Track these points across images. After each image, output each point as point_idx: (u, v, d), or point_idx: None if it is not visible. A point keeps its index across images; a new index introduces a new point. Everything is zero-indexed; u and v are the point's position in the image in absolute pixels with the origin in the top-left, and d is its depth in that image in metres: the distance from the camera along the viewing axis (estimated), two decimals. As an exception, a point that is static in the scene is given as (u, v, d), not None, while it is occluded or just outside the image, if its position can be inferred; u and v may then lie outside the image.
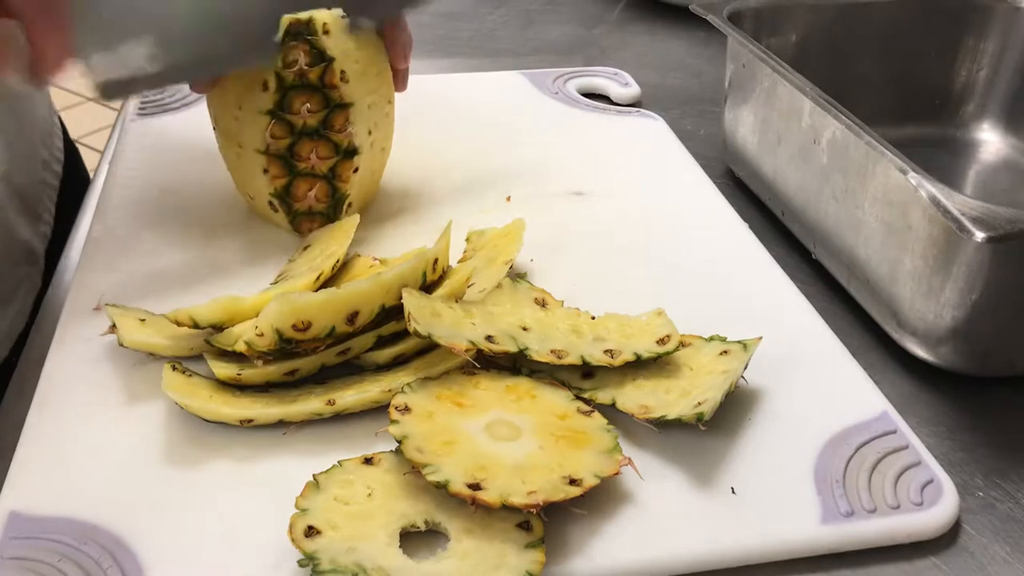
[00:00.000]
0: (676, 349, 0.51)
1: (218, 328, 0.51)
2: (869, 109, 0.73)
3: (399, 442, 0.43)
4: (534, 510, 0.41)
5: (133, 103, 0.80)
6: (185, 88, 0.81)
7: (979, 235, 0.45)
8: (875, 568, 0.44)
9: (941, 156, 0.79)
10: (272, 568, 0.41)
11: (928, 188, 0.49)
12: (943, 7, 0.79)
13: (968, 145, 0.81)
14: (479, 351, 0.48)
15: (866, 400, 0.52)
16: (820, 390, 0.52)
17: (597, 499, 0.44)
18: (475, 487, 0.41)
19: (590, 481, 0.43)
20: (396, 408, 0.45)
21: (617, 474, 0.44)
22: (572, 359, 0.49)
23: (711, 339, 0.53)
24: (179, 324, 0.50)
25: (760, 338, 0.51)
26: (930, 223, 0.52)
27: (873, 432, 0.49)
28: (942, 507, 0.45)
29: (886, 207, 0.56)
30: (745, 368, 0.50)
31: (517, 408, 0.47)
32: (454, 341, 0.48)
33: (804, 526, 0.44)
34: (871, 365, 0.55)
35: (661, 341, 0.51)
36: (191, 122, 0.76)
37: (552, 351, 0.49)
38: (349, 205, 0.63)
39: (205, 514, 0.44)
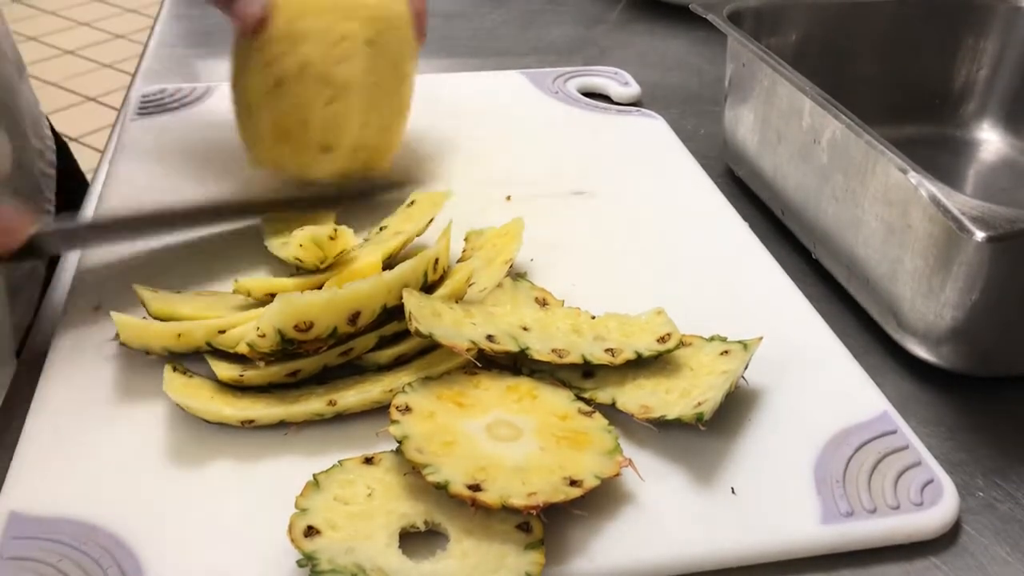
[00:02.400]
0: (677, 347, 0.51)
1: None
2: (869, 109, 0.73)
3: (399, 442, 0.43)
4: (534, 511, 0.41)
5: (134, 102, 0.80)
6: (185, 88, 0.81)
7: (979, 235, 0.45)
8: (875, 568, 0.44)
9: (941, 156, 0.79)
10: (272, 568, 0.41)
11: (928, 187, 0.49)
12: (943, 6, 0.79)
13: (968, 145, 0.81)
14: (480, 351, 0.48)
15: (866, 400, 0.52)
16: (820, 390, 0.52)
17: (597, 500, 0.44)
18: (475, 488, 0.41)
19: (590, 482, 0.43)
20: (397, 408, 0.45)
21: (618, 475, 0.44)
22: (573, 358, 0.49)
23: (711, 339, 0.53)
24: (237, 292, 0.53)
25: (760, 338, 0.51)
26: (930, 222, 0.52)
27: (873, 432, 0.49)
28: (942, 507, 0.45)
29: (886, 206, 0.56)
30: (745, 368, 0.50)
31: (518, 408, 0.47)
32: (455, 341, 0.48)
33: (804, 526, 0.44)
34: (871, 365, 0.55)
35: (662, 339, 0.51)
36: (191, 122, 0.76)
37: (553, 350, 0.49)
38: None
39: (205, 514, 0.44)
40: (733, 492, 0.46)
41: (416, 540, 0.42)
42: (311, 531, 0.41)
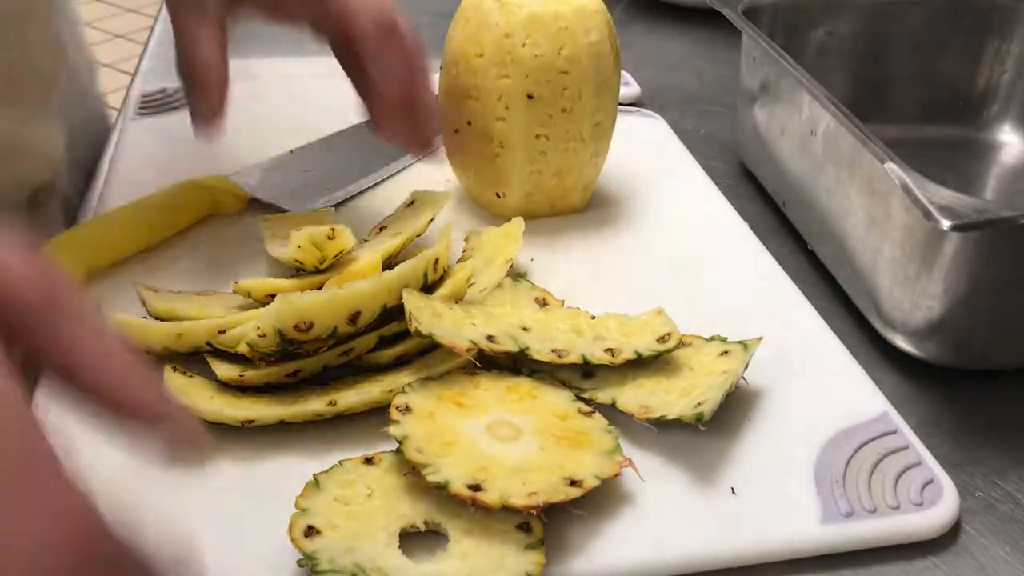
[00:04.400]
0: (677, 347, 0.51)
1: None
2: (891, 109, 0.73)
3: (399, 442, 0.43)
4: (534, 511, 0.41)
5: (134, 102, 0.80)
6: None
7: (944, 223, 0.46)
8: (875, 568, 0.44)
9: (963, 158, 0.79)
10: (272, 568, 0.41)
11: (901, 176, 0.50)
12: (967, 8, 0.79)
13: (990, 147, 0.80)
14: (480, 351, 0.48)
15: (866, 400, 0.52)
16: (820, 390, 0.52)
17: (597, 500, 0.44)
18: (475, 488, 0.41)
19: (591, 482, 0.43)
20: (397, 408, 0.45)
21: (618, 475, 0.44)
22: (573, 358, 0.49)
23: (711, 339, 0.53)
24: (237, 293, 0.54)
25: (760, 338, 0.51)
26: (906, 212, 0.52)
27: (873, 432, 0.49)
28: (942, 507, 0.45)
29: (870, 197, 0.56)
30: (745, 368, 0.50)
31: (518, 408, 0.47)
32: (455, 341, 0.48)
33: (804, 526, 0.44)
34: (871, 365, 0.55)
35: (662, 339, 0.51)
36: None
37: (553, 350, 0.49)
38: None
39: (205, 514, 0.44)
40: (733, 492, 0.46)
41: (416, 540, 0.42)
42: (311, 531, 0.41)
